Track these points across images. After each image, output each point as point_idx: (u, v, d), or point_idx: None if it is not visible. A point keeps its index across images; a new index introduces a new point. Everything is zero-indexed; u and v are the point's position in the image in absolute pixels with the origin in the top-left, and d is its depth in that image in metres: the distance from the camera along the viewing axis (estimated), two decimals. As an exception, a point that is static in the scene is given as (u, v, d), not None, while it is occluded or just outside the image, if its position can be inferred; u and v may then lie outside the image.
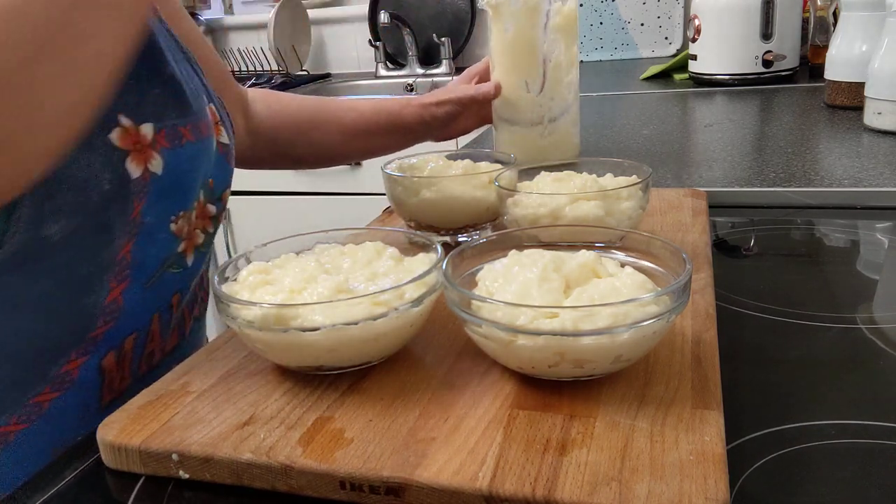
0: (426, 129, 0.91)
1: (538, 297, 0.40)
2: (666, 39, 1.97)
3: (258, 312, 0.40)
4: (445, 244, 0.57)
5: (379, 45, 2.23)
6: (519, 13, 0.78)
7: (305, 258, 0.49)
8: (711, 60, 1.41)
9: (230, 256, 1.75)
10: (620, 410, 0.37)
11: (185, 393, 0.42)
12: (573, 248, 0.46)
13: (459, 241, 0.64)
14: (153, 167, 0.51)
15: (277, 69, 2.33)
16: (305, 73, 2.36)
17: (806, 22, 1.46)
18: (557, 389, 0.39)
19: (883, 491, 0.34)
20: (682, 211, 0.67)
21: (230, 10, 2.51)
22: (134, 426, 0.39)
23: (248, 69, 2.41)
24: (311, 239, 0.51)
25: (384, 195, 0.66)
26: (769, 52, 1.35)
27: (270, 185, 1.82)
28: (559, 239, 0.48)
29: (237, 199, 1.85)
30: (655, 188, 0.73)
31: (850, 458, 0.37)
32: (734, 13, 1.35)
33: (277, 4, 2.23)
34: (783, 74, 1.39)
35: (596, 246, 0.47)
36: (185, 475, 0.37)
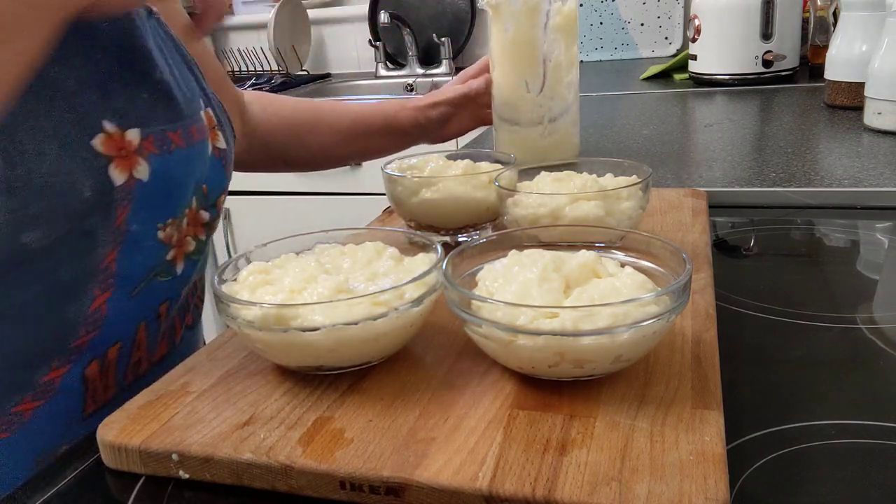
0: (421, 131, 0.91)
1: (538, 297, 0.40)
2: (666, 39, 1.97)
3: (258, 312, 0.40)
4: (445, 244, 0.57)
5: (379, 45, 2.23)
6: (519, 13, 0.78)
7: (305, 258, 0.49)
8: (711, 60, 1.41)
9: (230, 256, 1.75)
10: (620, 410, 0.37)
11: (185, 393, 0.42)
12: (573, 248, 0.46)
13: (459, 241, 0.64)
14: (139, 174, 0.50)
15: (277, 69, 2.33)
16: (305, 73, 2.36)
17: (806, 22, 1.46)
18: (557, 389, 0.39)
19: (883, 491, 0.34)
20: (682, 211, 0.67)
21: (230, 10, 2.51)
22: (134, 426, 0.39)
23: (248, 69, 2.42)
24: (311, 239, 0.51)
25: (384, 195, 0.65)
26: (769, 52, 1.35)
27: (270, 185, 1.82)
28: (559, 239, 0.48)
29: (237, 199, 1.85)
30: (655, 188, 0.73)
31: (850, 458, 0.37)
32: (734, 13, 1.35)
33: (277, 4, 2.23)
34: (783, 74, 1.39)
35: (596, 246, 0.47)
36: (185, 475, 0.37)
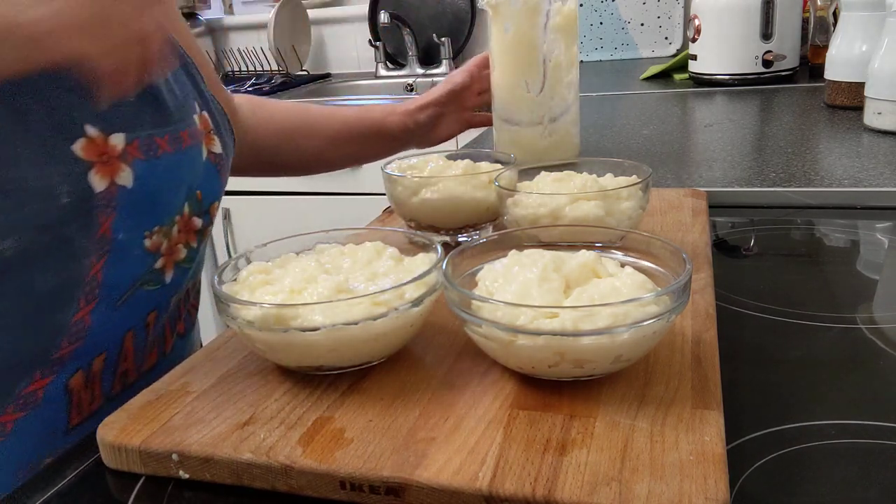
0: (410, 136, 0.91)
1: (538, 297, 0.40)
2: (666, 39, 1.97)
3: (258, 312, 0.40)
4: (445, 244, 0.57)
5: (379, 45, 2.22)
6: (519, 13, 0.78)
7: (305, 258, 0.49)
8: (711, 60, 1.41)
9: (230, 256, 1.75)
10: (620, 410, 0.37)
11: (185, 393, 0.42)
12: (573, 248, 0.46)
13: (459, 241, 0.64)
14: (122, 180, 0.49)
15: (277, 69, 2.33)
16: (305, 73, 2.36)
17: (806, 22, 1.46)
18: (557, 389, 0.39)
19: (883, 491, 0.34)
20: (682, 211, 0.67)
21: (230, 10, 2.51)
22: (134, 426, 0.39)
23: (248, 69, 2.42)
24: (311, 239, 0.51)
25: (384, 195, 0.65)
26: (769, 52, 1.35)
27: (270, 185, 1.82)
28: (559, 239, 0.48)
29: (237, 199, 1.85)
30: (655, 188, 0.73)
31: (850, 458, 0.37)
32: (734, 13, 1.35)
33: (277, 4, 2.23)
34: (783, 74, 1.39)
35: (596, 246, 0.47)
36: (185, 475, 0.37)
